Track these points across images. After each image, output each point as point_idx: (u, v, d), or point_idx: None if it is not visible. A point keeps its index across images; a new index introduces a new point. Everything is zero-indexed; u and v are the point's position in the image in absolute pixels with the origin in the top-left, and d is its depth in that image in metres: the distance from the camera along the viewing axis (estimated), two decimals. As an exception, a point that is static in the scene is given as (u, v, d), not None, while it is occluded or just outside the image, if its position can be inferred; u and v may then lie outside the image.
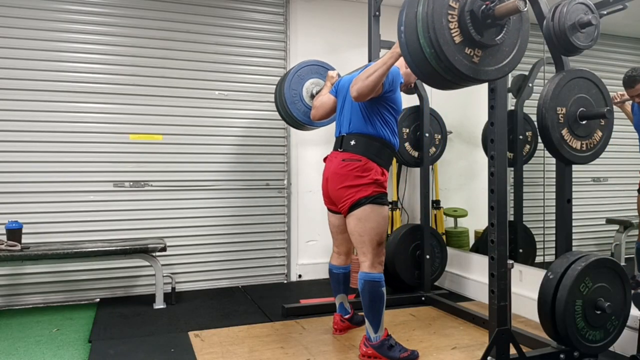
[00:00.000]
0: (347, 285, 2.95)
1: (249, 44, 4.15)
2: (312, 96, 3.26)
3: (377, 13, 3.44)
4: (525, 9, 1.65)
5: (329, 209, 2.80)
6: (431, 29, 1.62)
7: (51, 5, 3.62)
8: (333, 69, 3.29)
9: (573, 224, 2.41)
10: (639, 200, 3.01)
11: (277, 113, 4.21)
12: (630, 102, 3.05)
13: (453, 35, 1.67)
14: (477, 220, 4.09)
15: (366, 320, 2.48)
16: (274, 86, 4.21)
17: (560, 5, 2.28)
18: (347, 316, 2.93)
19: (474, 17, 1.68)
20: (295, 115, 3.26)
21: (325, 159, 2.71)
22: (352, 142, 2.53)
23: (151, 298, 3.52)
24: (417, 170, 4.03)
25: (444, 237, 4.00)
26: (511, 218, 3.41)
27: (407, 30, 1.71)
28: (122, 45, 3.79)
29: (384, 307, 2.47)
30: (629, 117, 3.07)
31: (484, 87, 2.23)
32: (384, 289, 2.47)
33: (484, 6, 1.68)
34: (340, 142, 2.60)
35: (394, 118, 2.59)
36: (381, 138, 2.54)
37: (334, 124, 2.83)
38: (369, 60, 3.47)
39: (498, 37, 1.73)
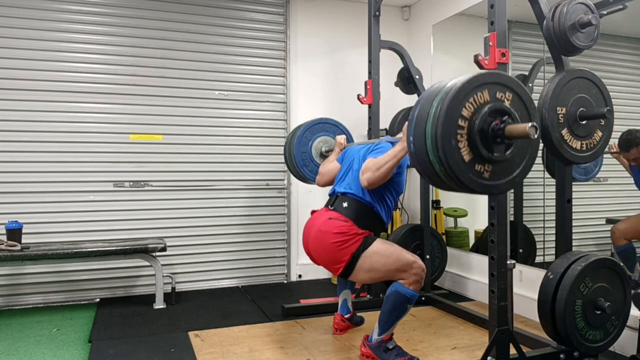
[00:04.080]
0: (354, 282, 2.95)
1: (249, 44, 4.15)
2: (322, 155, 3.29)
3: (377, 13, 3.44)
4: (536, 136, 1.60)
5: None
6: (440, 149, 1.59)
7: (51, 5, 3.62)
8: (338, 124, 3.31)
9: (573, 224, 2.41)
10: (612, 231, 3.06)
11: (277, 113, 4.25)
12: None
13: (463, 154, 1.62)
14: (477, 220, 4.09)
15: (377, 320, 2.45)
16: (274, 86, 4.25)
17: (560, 5, 2.28)
18: (347, 316, 2.93)
19: (484, 136, 1.64)
20: (307, 177, 3.28)
21: (312, 212, 2.67)
22: (345, 205, 2.50)
23: (151, 298, 3.52)
24: (417, 170, 4.02)
25: (444, 237, 4.00)
26: (511, 218, 3.40)
27: (416, 143, 1.68)
28: (122, 45, 3.79)
29: (400, 319, 2.41)
30: (626, 168, 3.09)
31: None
32: (409, 306, 2.38)
33: (494, 125, 1.64)
34: (333, 201, 2.57)
35: (393, 198, 2.59)
36: (374, 211, 2.51)
37: None
38: (369, 61, 3.47)
39: (508, 152, 1.70)
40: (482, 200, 2.40)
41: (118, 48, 3.79)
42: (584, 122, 2.31)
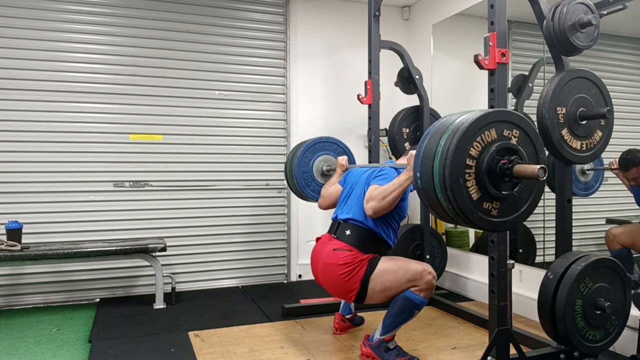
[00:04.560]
0: None
1: (249, 44, 4.15)
2: (323, 174, 3.27)
3: (377, 13, 3.44)
4: (544, 177, 1.60)
5: None
6: (448, 188, 1.59)
7: (51, 5, 3.62)
8: (338, 143, 3.31)
9: (573, 224, 2.41)
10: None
11: (277, 113, 4.24)
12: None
13: (471, 193, 1.63)
14: (477, 220, 4.09)
15: (382, 321, 2.45)
16: (274, 86, 4.24)
17: (560, 5, 2.28)
18: (348, 316, 2.93)
19: (492, 175, 1.65)
20: (310, 197, 3.28)
21: (317, 239, 2.65)
22: (348, 232, 2.48)
23: (151, 298, 3.52)
24: (417, 170, 4.02)
25: (444, 237, 4.00)
26: (511, 218, 3.40)
27: (423, 180, 1.68)
28: (122, 45, 3.79)
29: (405, 323, 2.42)
30: (627, 187, 3.10)
31: (484, 86, 2.23)
32: (417, 312, 2.39)
33: (502, 164, 1.65)
34: (337, 228, 2.54)
35: (397, 223, 2.58)
36: (378, 236, 2.49)
37: None
38: (369, 61, 3.47)
39: (515, 190, 1.71)
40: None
41: (118, 48, 3.78)
42: (584, 122, 2.31)
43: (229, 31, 4.10)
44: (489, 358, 2.15)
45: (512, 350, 2.20)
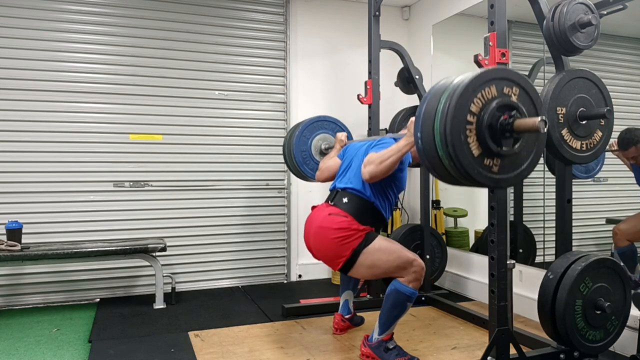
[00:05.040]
0: (357, 283, 2.96)
1: (249, 44, 4.15)
2: (321, 152, 3.27)
3: (377, 13, 3.44)
4: (545, 130, 1.61)
5: None
6: (450, 145, 1.60)
7: (51, 5, 3.62)
8: (336, 122, 3.31)
9: (573, 224, 2.41)
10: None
11: (277, 113, 4.24)
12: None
13: (472, 149, 1.64)
14: (477, 220, 4.09)
15: (377, 320, 2.45)
16: (274, 86, 4.24)
17: (560, 5, 2.28)
18: (348, 316, 2.93)
19: (492, 131, 1.66)
20: (307, 175, 3.27)
21: (313, 207, 2.66)
22: (345, 200, 2.49)
23: (151, 298, 3.52)
24: (417, 170, 4.03)
25: (444, 237, 4.00)
26: (511, 218, 3.40)
27: (424, 138, 1.69)
28: (122, 45, 3.79)
29: (400, 318, 2.42)
30: (627, 166, 3.09)
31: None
32: (409, 304, 2.38)
33: (502, 119, 1.66)
34: (334, 196, 2.56)
35: (394, 195, 2.58)
36: (375, 207, 2.50)
37: None
38: (369, 61, 3.47)
39: (516, 146, 1.71)
40: (482, 200, 2.40)
41: (118, 48, 3.78)
42: (584, 122, 2.31)
43: (229, 31, 4.10)
44: (489, 358, 2.16)
45: (512, 350, 2.21)
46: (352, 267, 2.41)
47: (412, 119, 2.11)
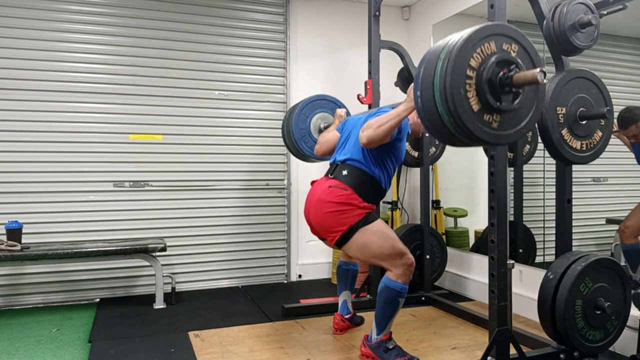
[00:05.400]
0: (354, 282, 2.95)
1: (249, 44, 4.15)
2: (320, 131, 3.29)
3: (377, 13, 3.44)
4: (545, 81, 1.63)
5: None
6: (450, 100, 1.61)
7: (51, 5, 3.62)
8: (336, 101, 3.32)
9: (573, 224, 2.41)
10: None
11: (277, 113, 4.24)
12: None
13: (471, 104, 1.65)
14: (477, 220, 4.09)
15: (374, 320, 2.46)
16: (274, 86, 4.25)
17: (560, 5, 2.28)
18: (347, 316, 2.93)
19: (492, 85, 1.67)
20: (305, 152, 3.28)
21: (312, 183, 2.66)
22: (344, 172, 2.49)
23: (151, 298, 3.52)
24: (417, 170, 4.02)
25: (444, 237, 4.00)
26: (511, 218, 3.41)
27: (424, 97, 1.70)
28: (122, 45, 3.79)
29: (395, 315, 2.42)
30: (627, 145, 3.08)
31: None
32: (401, 300, 2.38)
33: (502, 74, 1.67)
34: (333, 169, 2.55)
35: (393, 165, 2.58)
36: (374, 178, 2.50)
37: None
38: (369, 61, 3.47)
39: (515, 102, 1.72)
40: (482, 200, 2.40)
41: (118, 48, 3.78)
42: (584, 122, 2.31)
43: (229, 31, 4.09)
44: (489, 358, 2.16)
45: (512, 350, 2.21)
46: (347, 243, 2.41)
47: (412, 85, 2.11)
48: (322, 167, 4.33)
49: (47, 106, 3.61)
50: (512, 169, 3.59)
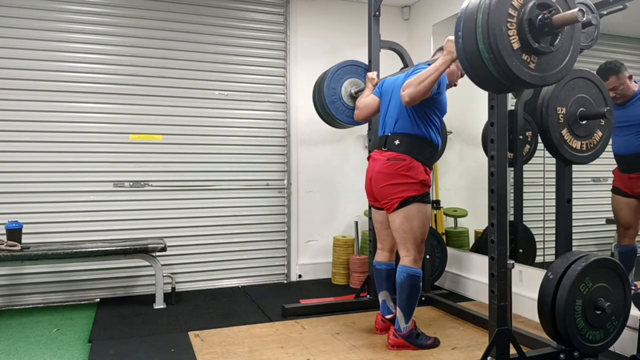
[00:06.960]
0: (391, 282, 2.87)
1: (249, 44, 4.15)
2: (351, 96, 3.35)
3: (377, 13, 3.44)
4: (584, 19, 1.69)
5: (372, 206, 2.85)
6: (491, 35, 1.67)
7: (51, 5, 3.62)
8: (367, 68, 3.38)
9: (573, 224, 2.41)
10: (613, 200, 2.97)
11: (277, 113, 4.24)
12: None
13: (512, 41, 1.71)
14: (477, 220, 4.09)
15: (399, 311, 2.57)
16: (274, 86, 4.25)
17: (561, 5, 2.27)
18: (389, 316, 2.85)
19: (532, 25, 1.73)
20: (334, 114, 3.35)
21: (368, 158, 2.78)
22: (397, 142, 2.60)
23: (151, 298, 3.52)
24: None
25: (444, 237, 4.00)
26: (511, 218, 3.41)
27: (465, 36, 1.76)
28: (122, 45, 3.79)
29: (417, 301, 2.61)
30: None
31: (484, 86, 2.23)
32: (420, 284, 2.59)
33: (542, 15, 1.73)
34: (385, 142, 2.65)
35: (439, 118, 2.66)
36: (425, 138, 2.60)
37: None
38: (369, 61, 3.47)
39: (553, 45, 1.78)
40: (482, 200, 2.40)
41: (118, 48, 3.78)
42: (584, 122, 2.31)
43: (229, 31, 4.09)
44: (489, 358, 2.16)
45: (512, 350, 2.21)
46: (399, 209, 2.56)
47: (450, 37, 2.19)
48: (323, 166, 4.33)
49: (47, 106, 3.61)
50: (512, 169, 3.59)
